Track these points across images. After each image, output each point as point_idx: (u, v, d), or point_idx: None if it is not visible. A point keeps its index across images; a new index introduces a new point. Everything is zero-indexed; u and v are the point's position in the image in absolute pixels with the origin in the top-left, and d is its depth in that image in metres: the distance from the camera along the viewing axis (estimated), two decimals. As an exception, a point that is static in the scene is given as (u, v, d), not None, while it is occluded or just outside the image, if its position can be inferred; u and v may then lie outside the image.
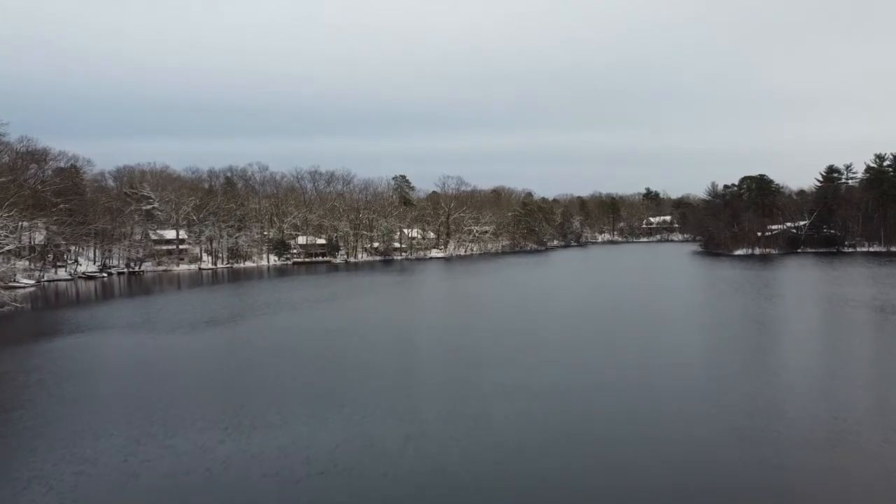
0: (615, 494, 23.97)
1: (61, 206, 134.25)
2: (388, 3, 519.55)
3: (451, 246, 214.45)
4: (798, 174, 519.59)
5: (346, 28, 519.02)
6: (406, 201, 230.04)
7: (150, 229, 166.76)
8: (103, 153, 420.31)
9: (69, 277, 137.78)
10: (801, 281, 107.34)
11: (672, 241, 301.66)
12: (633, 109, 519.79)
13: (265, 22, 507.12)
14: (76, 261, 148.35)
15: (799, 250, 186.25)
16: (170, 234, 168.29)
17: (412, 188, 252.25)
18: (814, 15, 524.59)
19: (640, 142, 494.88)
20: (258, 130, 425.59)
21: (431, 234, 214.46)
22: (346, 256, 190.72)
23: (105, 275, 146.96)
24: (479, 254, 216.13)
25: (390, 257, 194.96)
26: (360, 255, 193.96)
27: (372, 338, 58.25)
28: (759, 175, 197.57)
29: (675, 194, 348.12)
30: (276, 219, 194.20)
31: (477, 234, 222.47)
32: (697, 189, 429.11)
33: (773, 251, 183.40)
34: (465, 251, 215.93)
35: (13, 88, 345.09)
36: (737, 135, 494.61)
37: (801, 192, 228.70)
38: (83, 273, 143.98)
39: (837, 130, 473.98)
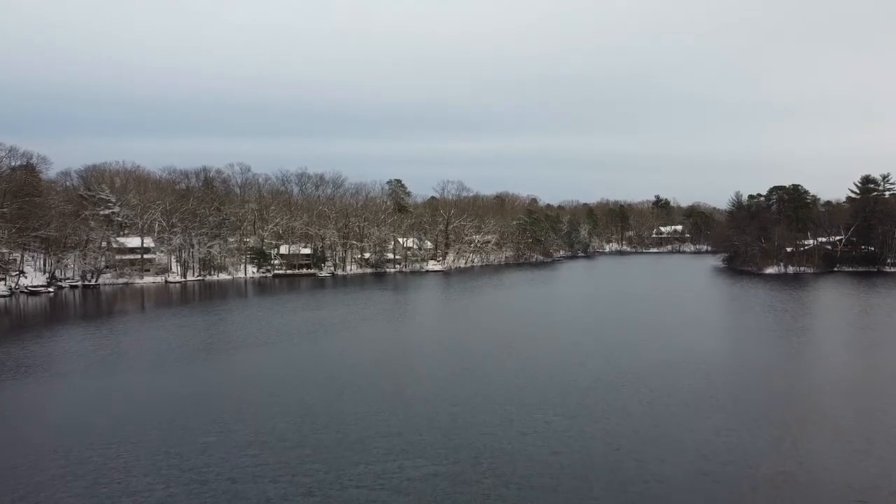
0: None
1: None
2: (393, 7, 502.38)
3: (451, 257, 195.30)
4: (811, 183, 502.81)
5: (348, 31, 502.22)
6: (401, 208, 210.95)
7: (112, 236, 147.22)
8: (91, 152, 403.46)
9: (7, 293, 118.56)
10: (872, 316, 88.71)
11: (684, 252, 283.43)
12: (637, 115, 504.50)
13: (267, 23, 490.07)
14: (20, 272, 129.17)
15: (835, 269, 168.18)
16: (133, 241, 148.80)
17: (408, 193, 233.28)
18: (815, 23, 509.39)
19: (647, 147, 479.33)
20: (249, 131, 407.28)
21: (429, 244, 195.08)
22: (332, 269, 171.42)
23: (52, 289, 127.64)
24: (481, 266, 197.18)
25: (382, 270, 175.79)
26: (348, 268, 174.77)
27: (375, 418, 39.52)
28: (793, 185, 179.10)
29: (685, 202, 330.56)
30: (258, 223, 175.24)
31: (478, 245, 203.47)
32: (708, 197, 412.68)
33: (808, 270, 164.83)
34: (466, 263, 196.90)
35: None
36: (742, 142, 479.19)
37: (828, 204, 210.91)
38: (26, 287, 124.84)
39: (848, 138, 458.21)
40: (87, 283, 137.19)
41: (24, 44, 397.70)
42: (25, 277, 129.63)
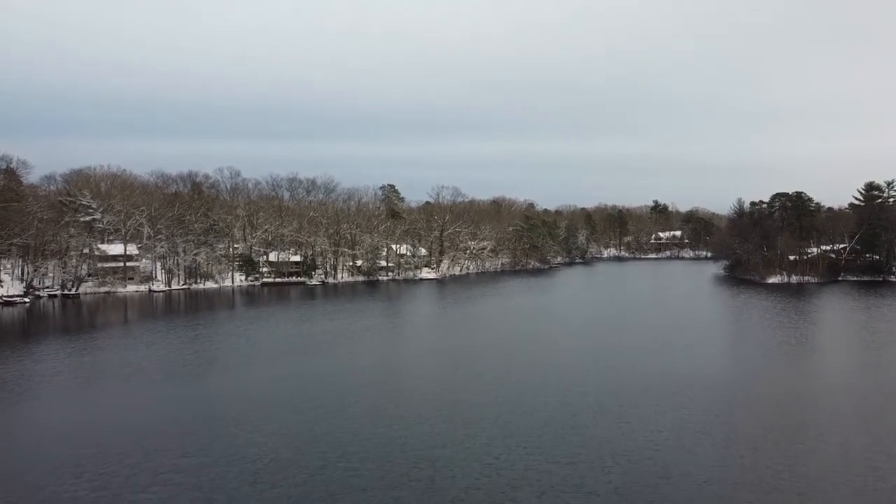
0: None
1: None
2: (392, 9, 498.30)
3: (445, 265, 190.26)
4: (810, 188, 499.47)
5: (347, 32, 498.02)
6: (395, 213, 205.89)
7: (94, 243, 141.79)
8: (93, 153, 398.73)
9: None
10: (892, 333, 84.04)
11: (683, 258, 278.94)
12: (637, 118, 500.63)
13: (267, 23, 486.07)
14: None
15: (840, 278, 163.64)
16: (116, 248, 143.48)
17: (401, 199, 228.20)
18: (815, 25, 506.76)
19: (646, 150, 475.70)
20: (245, 133, 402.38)
21: (423, 251, 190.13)
22: (323, 277, 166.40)
23: (28, 299, 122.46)
24: (477, 273, 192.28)
25: (375, 278, 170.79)
26: (339, 276, 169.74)
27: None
28: (796, 193, 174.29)
29: (683, 207, 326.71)
30: (247, 229, 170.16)
31: (474, 251, 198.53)
32: (706, 202, 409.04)
33: (812, 279, 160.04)
34: (461, 270, 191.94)
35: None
36: (741, 145, 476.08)
37: (831, 210, 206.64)
38: (1, 297, 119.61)
39: (849, 142, 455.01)
40: (66, 292, 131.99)
41: (24, 44, 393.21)
42: (1, 287, 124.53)
